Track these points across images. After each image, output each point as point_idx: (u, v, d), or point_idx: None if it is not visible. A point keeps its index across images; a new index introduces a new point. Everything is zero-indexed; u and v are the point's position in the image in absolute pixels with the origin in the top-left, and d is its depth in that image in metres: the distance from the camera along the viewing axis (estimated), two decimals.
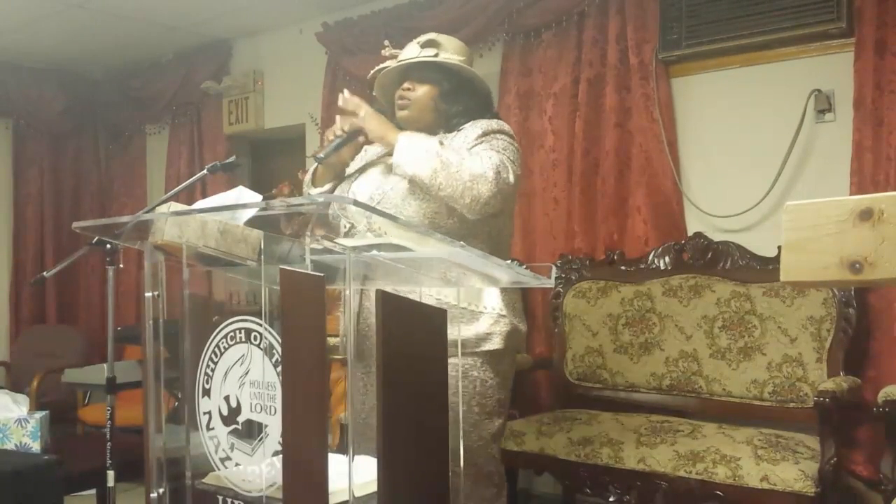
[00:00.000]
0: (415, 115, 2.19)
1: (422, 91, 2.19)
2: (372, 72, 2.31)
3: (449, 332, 1.95)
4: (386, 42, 2.30)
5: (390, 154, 2.13)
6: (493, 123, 2.15)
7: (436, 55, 2.20)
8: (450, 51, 2.22)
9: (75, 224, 1.87)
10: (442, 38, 2.24)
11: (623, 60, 3.53)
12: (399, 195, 2.06)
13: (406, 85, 2.21)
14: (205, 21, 4.81)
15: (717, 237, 3.26)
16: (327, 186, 2.25)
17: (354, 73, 4.46)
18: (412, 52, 2.24)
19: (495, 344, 2.07)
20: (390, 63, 2.30)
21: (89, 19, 4.65)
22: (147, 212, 2.43)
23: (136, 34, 4.98)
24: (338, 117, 2.17)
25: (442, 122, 2.20)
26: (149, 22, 4.77)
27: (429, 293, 1.97)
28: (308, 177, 2.32)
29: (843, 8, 2.99)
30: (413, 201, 2.04)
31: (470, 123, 2.17)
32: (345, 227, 2.06)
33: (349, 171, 2.29)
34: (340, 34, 4.54)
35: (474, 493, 2.08)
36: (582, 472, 2.84)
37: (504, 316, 2.08)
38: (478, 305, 2.06)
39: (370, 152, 2.30)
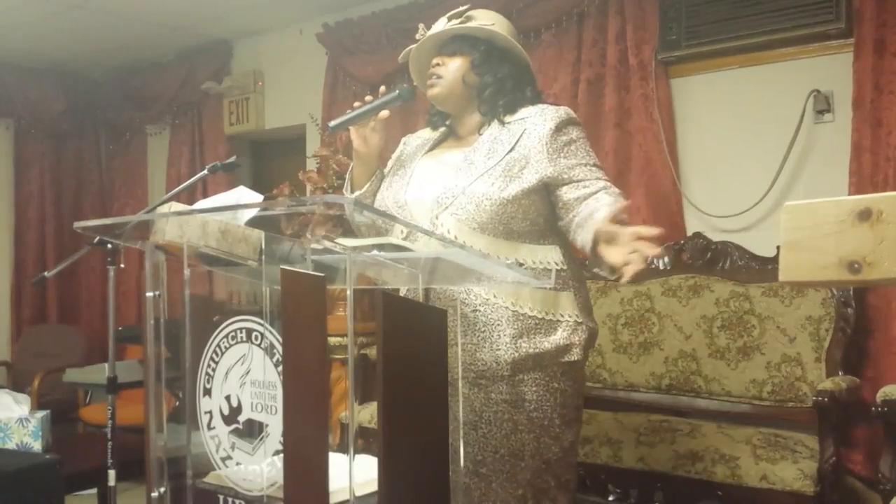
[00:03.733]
0: (444, 91, 2.02)
1: (453, 65, 2.01)
2: (403, 53, 2.15)
3: (527, 345, 1.87)
4: (420, 25, 2.12)
5: (436, 148, 2.06)
6: (562, 112, 1.95)
7: (462, 24, 2.02)
8: (481, 20, 2.04)
9: (76, 224, 1.86)
10: (475, 11, 2.07)
11: (622, 61, 3.54)
12: (472, 200, 1.88)
13: (436, 60, 2.03)
14: (205, 21, 4.81)
15: (716, 237, 3.27)
16: (366, 187, 2.07)
17: (355, 73, 4.47)
18: (440, 25, 2.07)
19: (575, 355, 1.92)
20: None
21: (90, 19, 4.65)
22: (148, 212, 2.44)
23: (136, 34, 4.98)
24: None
25: (473, 95, 2.02)
26: (149, 22, 4.77)
27: (503, 304, 1.87)
28: (346, 180, 2.16)
29: (842, 8, 3.00)
30: (488, 206, 1.87)
31: (534, 110, 1.97)
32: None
33: (391, 165, 2.12)
34: (340, 35, 4.54)
35: None
36: (581, 471, 2.84)
37: (581, 323, 1.94)
38: (555, 314, 1.91)
39: (410, 145, 2.15)
